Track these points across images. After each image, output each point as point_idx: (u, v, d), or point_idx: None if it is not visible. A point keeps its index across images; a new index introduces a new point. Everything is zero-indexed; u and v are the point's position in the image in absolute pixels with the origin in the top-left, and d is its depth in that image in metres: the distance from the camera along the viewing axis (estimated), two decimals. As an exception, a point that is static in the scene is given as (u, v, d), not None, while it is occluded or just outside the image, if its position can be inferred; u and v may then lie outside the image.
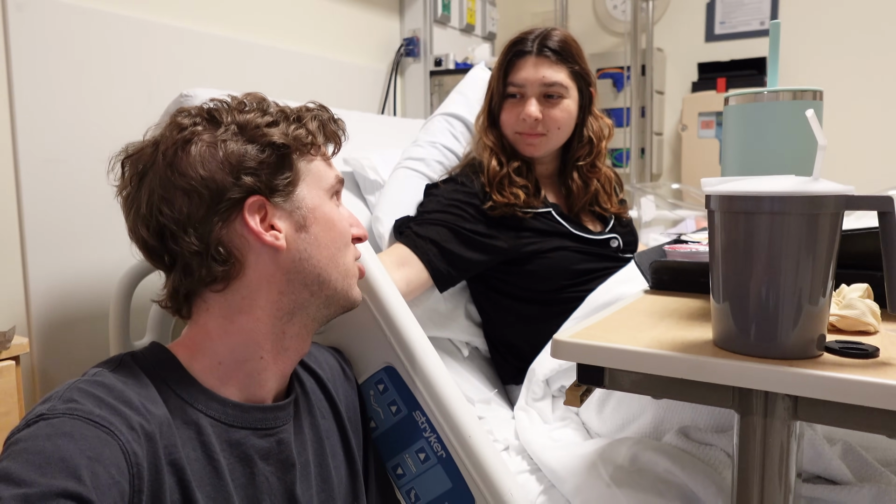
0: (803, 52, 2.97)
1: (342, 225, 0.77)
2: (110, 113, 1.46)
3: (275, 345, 0.72)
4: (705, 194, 0.59)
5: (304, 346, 0.77)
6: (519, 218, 1.25)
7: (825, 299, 0.56)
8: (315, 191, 0.75)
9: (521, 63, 1.29)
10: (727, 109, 0.74)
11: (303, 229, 0.73)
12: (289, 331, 0.73)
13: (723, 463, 0.88)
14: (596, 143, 1.35)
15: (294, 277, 0.72)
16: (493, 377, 1.36)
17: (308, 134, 0.74)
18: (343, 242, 0.76)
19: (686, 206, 2.40)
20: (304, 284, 0.73)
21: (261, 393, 0.73)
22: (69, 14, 1.39)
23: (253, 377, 0.72)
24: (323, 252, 0.74)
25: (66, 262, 1.39)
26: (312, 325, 0.76)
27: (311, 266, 0.73)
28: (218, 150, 0.69)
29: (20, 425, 0.58)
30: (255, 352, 0.71)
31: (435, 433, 0.88)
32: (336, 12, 2.22)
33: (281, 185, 0.71)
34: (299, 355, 0.76)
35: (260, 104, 0.74)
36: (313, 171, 0.75)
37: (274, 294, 0.71)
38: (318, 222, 0.74)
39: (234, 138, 0.70)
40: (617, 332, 0.66)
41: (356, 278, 0.79)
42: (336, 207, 0.77)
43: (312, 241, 0.73)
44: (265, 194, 0.70)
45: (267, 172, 0.70)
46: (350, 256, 0.78)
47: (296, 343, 0.75)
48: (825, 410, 0.55)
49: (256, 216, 0.69)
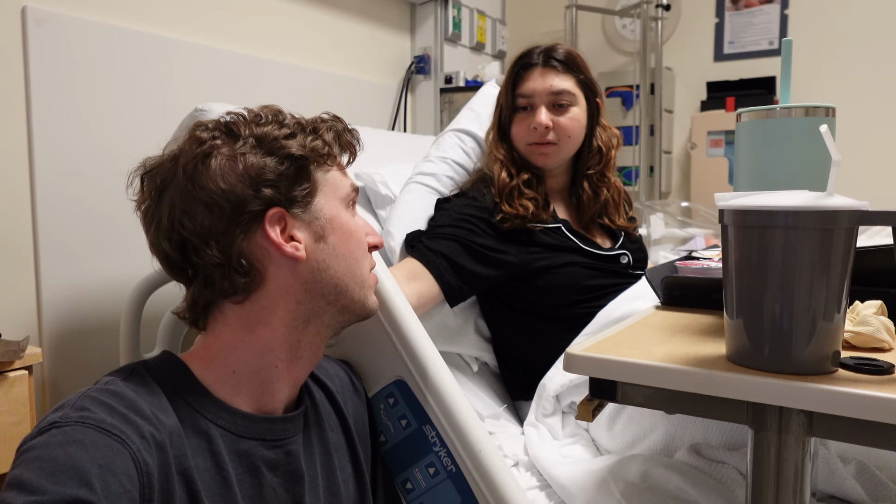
0: (813, 69, 2.98)
1: (359, 234, 0.77)
2: (126, 127, 1.48)
3: (290, 353, 0.73)
4: (719, 209, 0.59)
5: (318, 353, 0.76)
6: (529, 232, 1.26)
7: (840, 315, 0.56)
8: (332, 201, 0.75)
9: (528, 74, 1.31)
10: (739, 126, 0.74)
11: (321, 239, 0.73)
12: (304, 339, 0.73)
13: (735, 481, 0.88)
14: (605, 152, 1.36)
15: (312, 287, 0.72)
16: (503, 392, 1.36)
17: (324, 145, 0.74)
18: (361, 252, 0.77)
19: (695, 224, 2.40)
20: (321, 294, 0.73)
21: (272, 403, 0.73)
22: (87, 30, 1.41)
23: (266, 386, 0.72)
24: (341, 262, 0.74)
25: (78, 274, 1.40)
26: (327, 332, 0.76)
27: (330, 276, 0.73)
28: (237, 163, 0.69)
29: (33, 433, 0.58)
30: (270, 361, 0.71)
31: (445, 448, 0.87)
32: (348, 30, 2.25)
33: (300, 197, 0.71)
34: (313, 364, 0.76)
35: (276, 116, 0.75)
36: (330, 181, 0.75)
37: (292, 304, 0.72)
38: (336, 232, 0.74)
39: (253, 151, 0.70)
40: (629, 346, 0.66)
41: (373, 287, 0.79)
42: (352, 217, 0.77)
43: (331, 252, 0.73)
44: (284, 206, 0.70)
45: (286, 184, 0.70)
46: (367, 265, 0.78)
47: (310, 351, 0.75)
48: (840, 426, 0.55)
49: (277, 227, 0.70)
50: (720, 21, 3.27)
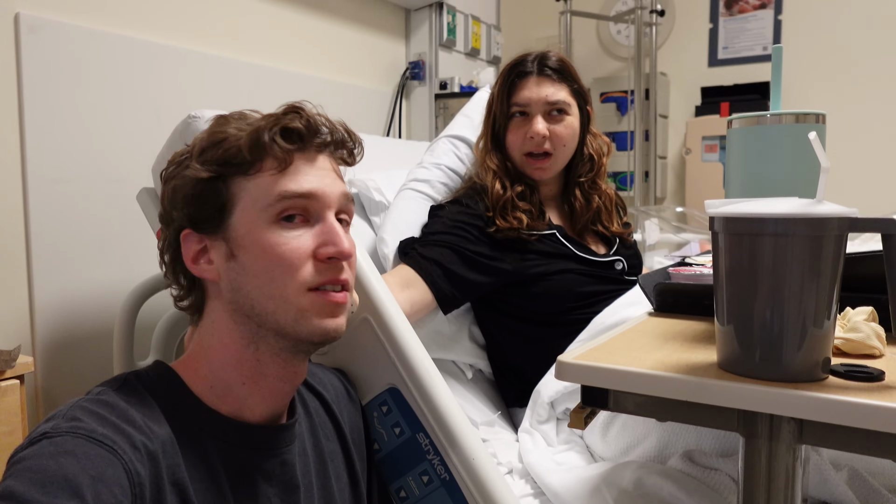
0: (805, 76, 2.99)
1: (280, 250, 0.67)
2: (119, 134, 1.48)
3: (253, 371, 0.70)
4: (709, 216, 0.59)
5: (290, 371, 0.71)
6: (523, 240, 1.26)
7: (830, 322, 0.56)
8: (250, 214, 0.68)
9: (523, 83, 1.31)
10: (731, 132, 0.74)
11: (231, 258, 0.68)
12: (262, 358, 0.70)
13: (728, 488, 0.88)
14: (597, 160, 1.37)
15: (236, 308, 0.69)
16: (497, 399, 1.35)
17: (239, 151, 0.68)
18: (280, 270, 0.67)
19: (690, 230, 2.40)
20: (247, 316, 0.68)
21: (252, 417, 0.71)
22: (80, 37, 1.41)
23: (241, 401, 0.70)
24: (253, 281, 0.67)
25: (71, 281, 1.40)
26: (285, 353, 0.70)
27: (244, 297, 0.68)
28: (169, 185, 0.71)
29: (24, 444, 0.58)
30: (235, 378, 0.70)
31: (438, 456, 0.87)
32: (343, 36, 2.25)
33: (206, 216, 0.69)
34: (289, 381, 0.72)
35: (217, 124, 0.71)
36: (251, 190, 0.68)
37: (231, 324, 0.69)
38: (248, 249, 0.67)
39: (180, 172, 0.71)
40: (621, 354, 0.66)
41: (314, 310, 0.68)
42: (279, 229, 0.67)
43: (241, 270, 0.67)
44: (191, 226, 0.70)
45: (194, 204, 0.69)
46: (295, 285, 0.67)
47: (275, 370, 0.70)
48: (831, 434, 0.55)
49: (194, 248, 0.70)
50: (714, 26, 3.29)
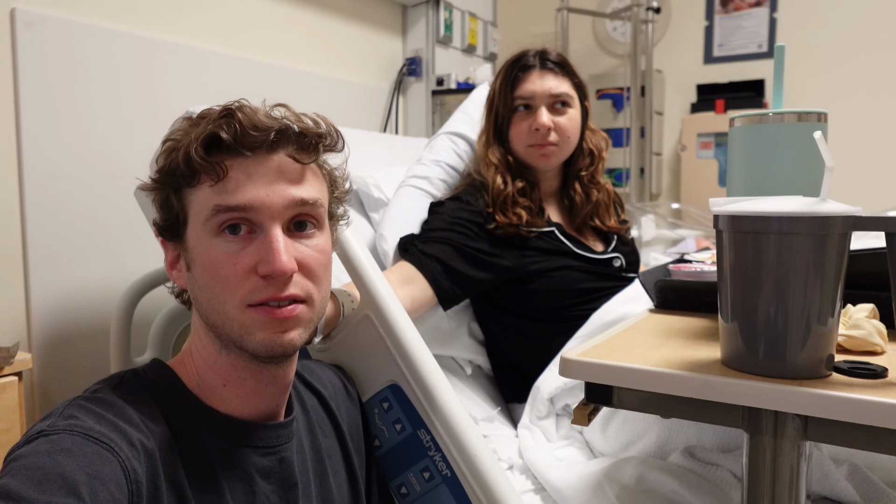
0: (801, 73, 3.00)
1: (218, 266, 0.65)
2: (116, 130, 1.47)
3: (230, 375, 0.69)
4: (714, 214, 0.60)
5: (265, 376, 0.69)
6: (523, 237, 1.26)
7: (834, 319, 0.56)
8: (195, 228, 0.67)
9: (526, 76, 1.31)
10: (733, 131, 0.74)
11: (189, 269, 0.68)
12: (236, 364, 0.69)
13: (729, 483, 0.88)
14: (596, 154, 1.38)
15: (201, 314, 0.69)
16: (496, 395, 1.36)
17: (180, 163, 0.65)
18: (220, 286, 0.65)
19: (686, 226, 2.41)
20: (209, 324, 0.68)
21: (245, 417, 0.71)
22: (77, 32, 1.40)
23: (228, 402, 0.70)
24: (203, 295, 0.67)
25: (68, 278, 1.39)
26: (254, 362, 0.68)
27: (200, 307, 0.68)
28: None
29: (20, 442, 0.57)
30: (215, 379, 0.69)
31: (440, 452, 0.87)
32: (340, 32, 2.24)
33: (168, 226, 0.69)
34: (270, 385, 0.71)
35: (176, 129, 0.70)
36: (194, 203, 0.66)
37: (204, 328, 0.69)
38: (195, 262, 0.67)
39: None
40: (624, 350, 0.66)
41: (256, 326, 0.65)
42: (222, 243, 0.65)
43: (194, 283, 0.68)
44: (161, 235, 0.70)
45: (160, 214, 0.70)
46: (234, 301, 0.64)
47: (252, 374, 0.69)
48: (835, 430, 0.56)
49: (171, 254, 0.71)
50: (710, 24, 3.30)
